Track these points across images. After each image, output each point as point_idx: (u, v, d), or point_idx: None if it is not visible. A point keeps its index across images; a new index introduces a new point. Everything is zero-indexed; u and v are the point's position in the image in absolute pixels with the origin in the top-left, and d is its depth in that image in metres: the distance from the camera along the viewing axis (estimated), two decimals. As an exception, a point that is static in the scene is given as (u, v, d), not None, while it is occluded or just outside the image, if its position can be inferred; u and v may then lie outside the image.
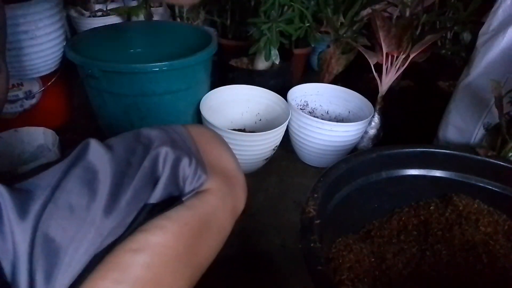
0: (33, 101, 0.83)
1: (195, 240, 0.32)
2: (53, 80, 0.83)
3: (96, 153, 0.32)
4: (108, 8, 1.05)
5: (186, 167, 0.34)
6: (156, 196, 0.32)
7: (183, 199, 0.34)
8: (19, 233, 0.27)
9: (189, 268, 0.32)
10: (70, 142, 0.73)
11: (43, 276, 0.27)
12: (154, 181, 0.33)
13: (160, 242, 0.29)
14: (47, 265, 0.27)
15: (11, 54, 0.71)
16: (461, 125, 0.71)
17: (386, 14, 0.87)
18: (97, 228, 0.29)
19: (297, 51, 1.09)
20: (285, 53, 0.94)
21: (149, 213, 0.32)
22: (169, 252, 0.30)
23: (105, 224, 0.29)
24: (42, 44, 0.75)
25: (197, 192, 0.35)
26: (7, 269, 0.27)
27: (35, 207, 0.28)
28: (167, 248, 0.29)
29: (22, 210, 0.28)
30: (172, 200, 0.34)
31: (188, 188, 0.34)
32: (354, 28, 0.92)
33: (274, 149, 0.78)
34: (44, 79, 0.81)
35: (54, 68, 0.81)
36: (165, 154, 0.33)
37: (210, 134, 0.42)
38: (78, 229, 0.28)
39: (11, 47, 0.71)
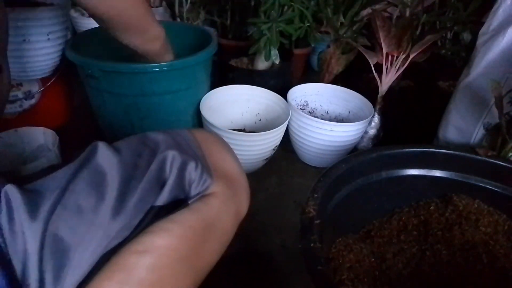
0: (33, 101, 0.83)
1: (199, 243, 0.32)
2: (52, 80, 0.83)
3: (104, 156, 0.32)
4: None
5: (192, 171, 0.34)
6: (162, 198, 0.33)
7: (188, 202, 0.34)
8: (30, 233, 0.28)
9: (192, 270, 0.32)
10: (70, 142, 0.73)
11: (52, 276, 0.27)
12: (161, 184, 0.33)
13: (165, 245, 0.30)
14: (56, 265, 0.27)
15: (10, 55, 0.71)
16: (461, 125, 0.71)
17: (386, 14, 0.87)
18: (105, 229, 0.29)
19: (297, 51, 1.09)
20: (285, 53, 0.94)
21: (155, 215, 0.32)
22: (173, 254, 0.30)
23: (113, 225, 0.30)
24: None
25: (202, 196, 0.35)
26: (18, 268, 0.27)
27: (45, 208, 0.29)
28: (171, 251, 0.30)
29: (32, 211, 0.28)
30: (178, 203, 0.34)
31: (193, 191, 0.35)
32: (354, 28, 0.92)
33: (274, 149, 0.78)
34: (43, 79, 0.81)
35: (54, 70, 0.81)
36: (172, 157, 0.34)
37: (214, 138, 0.43)
38: (86, 230, 0.29)
39: (11, 49, 0.71)
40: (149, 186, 0.32)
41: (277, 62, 0.91)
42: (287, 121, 0.76)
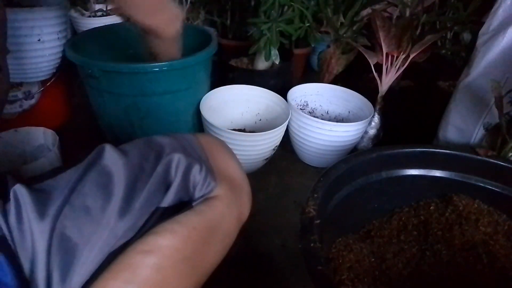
0: (32, 101, 0.83)
1: (202, 245, 0.33)
2: (52, 80, 0.83)
3: (111, 158, 0.33)
4: (108, 8, 1.05)
5: (197, 174, 0.35)
6: (167, 200, 0.34)
7: (192, 204, 0.35)
8: (38, 232, 0.28)
9: (195, 271, 0.33)
10: (70, 142, 0.73)
11: (60, 274, 0.28)
12: (166, 186, 0.34)
13: (170, 245, 0.30)
14: (63, 264, 0.28)
15: (14, 56, 0.72)
16: (461, 125, 0.71)
17: (386, 14, 0.87)
18: (111, 229, 0.30)
19: (297, 51, 1.09)
20: (285, 53, 0.94)
21: (160, 216, 0.33)
22: (177, 255, 0.30)
23: (119, 225, 0.30)
24: (46, 49, 0.75)
25: (206, 198, 0.36)
26: (26, 266, 0.28)
27: (53, 208, 0.29)
28: (175, 251, 0.30)
29: (41, 210, 0.29)
30: (182, 205, 0.35)
31: (198, 194, 0.35)
32: (354, 28, 0.92)
33: (274, 149, 0.78)
34: (43, 79, 0.81)
35: (55, 71, 0.82)
36: (177, 160, 0.35)
37: (218, 143, 0.44)
38: (93, 230, 0.29)
39: (14, 50, 0.71)
40: (155, 188, 0.33)
41: (277, 62, 0.91)
42: (287, 121, 0.76)
